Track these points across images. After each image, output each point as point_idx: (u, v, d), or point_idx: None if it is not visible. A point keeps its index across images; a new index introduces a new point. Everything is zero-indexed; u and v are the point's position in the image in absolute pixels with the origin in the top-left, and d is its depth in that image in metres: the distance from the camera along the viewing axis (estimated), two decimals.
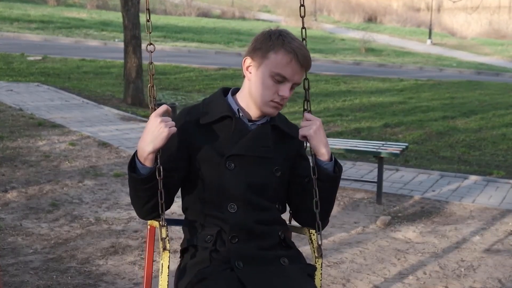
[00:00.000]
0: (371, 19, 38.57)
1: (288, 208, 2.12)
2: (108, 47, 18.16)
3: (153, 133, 1.78)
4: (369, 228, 4.74)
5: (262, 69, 1.90)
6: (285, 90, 1.91)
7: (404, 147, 5.54)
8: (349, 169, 6.52)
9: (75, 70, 12.58)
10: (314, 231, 2.01)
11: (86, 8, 28.18)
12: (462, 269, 3.95)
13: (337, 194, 5.90)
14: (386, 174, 6.16)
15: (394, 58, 23.65)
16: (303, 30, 1.98)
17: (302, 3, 1.99)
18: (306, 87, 2.01)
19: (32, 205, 4.73)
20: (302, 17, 1.99)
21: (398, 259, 4.11)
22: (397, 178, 6.23)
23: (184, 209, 2.04)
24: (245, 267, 1.87)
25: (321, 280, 2.02)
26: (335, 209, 5.16)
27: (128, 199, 4.98)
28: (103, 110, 8.73)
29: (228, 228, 1.90)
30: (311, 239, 2.05)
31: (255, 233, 1.92)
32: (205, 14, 31.92)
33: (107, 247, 4.04)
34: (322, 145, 1.92)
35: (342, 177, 6.36)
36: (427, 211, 5.20)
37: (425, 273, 3.87)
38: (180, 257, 2.06)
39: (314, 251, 2.02)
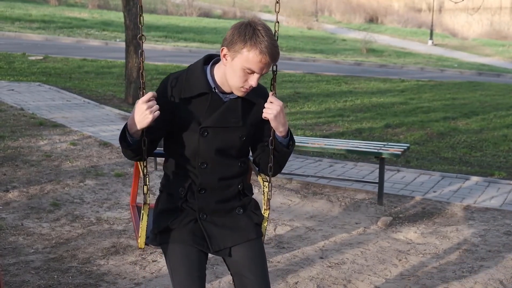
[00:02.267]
0: (372, 19, 38.58)
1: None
2: (109, 47, 18.17)
3: (140, 117, 2.11)
4: (370, 228, 4.74)
5: (235, 61, 2.17)
6: (253, 80, 2.20)
7: (405, 147, 5.53)
8: (350, 169, 6.52)
9: (76, 70, 12.59)
10: (267, 184, 2.42)
11: (88, 8, 28.19)
12: (463, 270, 3.95)
13: (338, 195, 5.88)
14: (387, 174, 6.16)
15: (395, 59, 23.64)
16: (276, 23, 2.31)
17: (277, 0, 2.34)
18: (274, 69, 2.30)
19: (33, 205, 4.73)
20: (277, 12, 2.34)
21: (399, 260, 4.10)
22: (398, 178, 6.23)
23: (166, 152, 2.40)
24: (207, 218, 2.30)
25: (266, 227, 2.44)
26: (337, 210, 5.15)
27: (129, 199, 4.98)
28: (104, 110, 8.74)
29: (198, 181, 2.31)
30: (263, 192, 2.45)
31: (219, 187, 2.33)
32: (206, 14, 31.93)
33: (108, 247, 4.04)
34: (280, 125, 2.27)
35: (343, 177, 6.31)
36: (428, 212, 5.20)
37: (426, 274, 3.87)
38: (159, 191, 2.44)
39: (264, 203, 2.44)
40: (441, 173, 6.51)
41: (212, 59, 2.34)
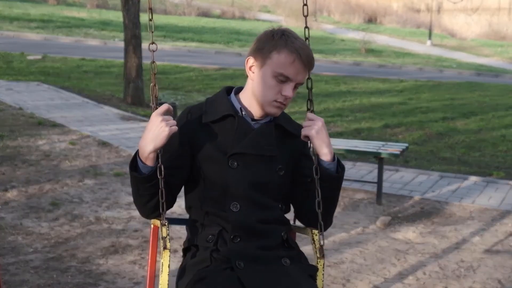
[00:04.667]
0: (371, 19, 38.57)
1: (292, 208, 2.10)
2: (108, 46, 18.15)
3: (154, 132, 1.76)
4: (369, 228, 4.75)
5: (265, 69, 1.87)
6: (288, 90, 1.88)
7: (404, 147, 5.54)
8: (349, 169, 6.52)
9: (75, 69, 12.58)
10: (317, 231, 1.97)
11: (86, 8, 28.16)
12: (462, 270, 3.96)
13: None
14: (386, 174, 6.16)
15: (394, 59, 23.65)
16: (306, 29, 1.97)
17: (305, 2, 2.00)
18: (309, 86, 1.97)
19: (32, 204, 4.73)
20: (305, 16, 1.99)
21: (398, 259, 4.11)
22: (397, 178, 6.24)
23: (187, 207, 2.03)
24: (245, 267, 1.84)
25: (323, 281, 1.98)
26: (336, 210, 5.15)
27: (128, 199, 4.98)
28: (103, 110, 8.74)
29: (230, 227, 1.87)
30: (313, 239, 2.03)
31: (257, 233, 1.89)
32: (205, 14, 31.92)
33: (107, 246, 4.04)
34: (324, 145, 1.89)
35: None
36: (427, 212, 5.21)
37: (425, 274, 3.88)
38: (182, 256, 2.05)
39: (316, 251, 1.98)
40: (439, 173, 6.52)
41: (232, 90, 2.03)
